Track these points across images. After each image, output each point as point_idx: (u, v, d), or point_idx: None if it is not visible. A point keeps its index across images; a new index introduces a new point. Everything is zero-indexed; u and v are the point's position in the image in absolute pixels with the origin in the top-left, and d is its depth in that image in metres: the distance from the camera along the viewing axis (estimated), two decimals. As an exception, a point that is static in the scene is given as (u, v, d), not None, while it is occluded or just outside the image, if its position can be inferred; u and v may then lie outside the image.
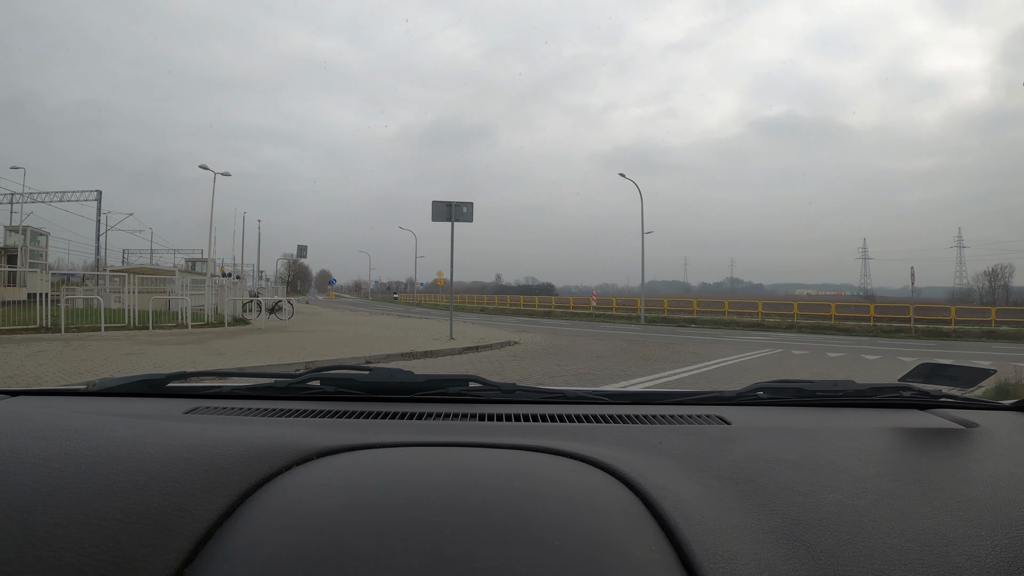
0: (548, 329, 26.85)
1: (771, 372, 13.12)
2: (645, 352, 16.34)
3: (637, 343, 19.88)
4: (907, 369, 2.01)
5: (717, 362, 14.82)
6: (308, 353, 12.75)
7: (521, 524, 0.88)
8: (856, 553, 0.86)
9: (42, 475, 0.87)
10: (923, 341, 27.05)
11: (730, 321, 36.99)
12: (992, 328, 32.54)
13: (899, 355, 18.26)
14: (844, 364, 15.75)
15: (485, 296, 67.16)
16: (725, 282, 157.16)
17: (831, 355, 17.76)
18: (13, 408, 1.63)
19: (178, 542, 0.81)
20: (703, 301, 47.87)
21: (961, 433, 1.53)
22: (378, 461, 1.18)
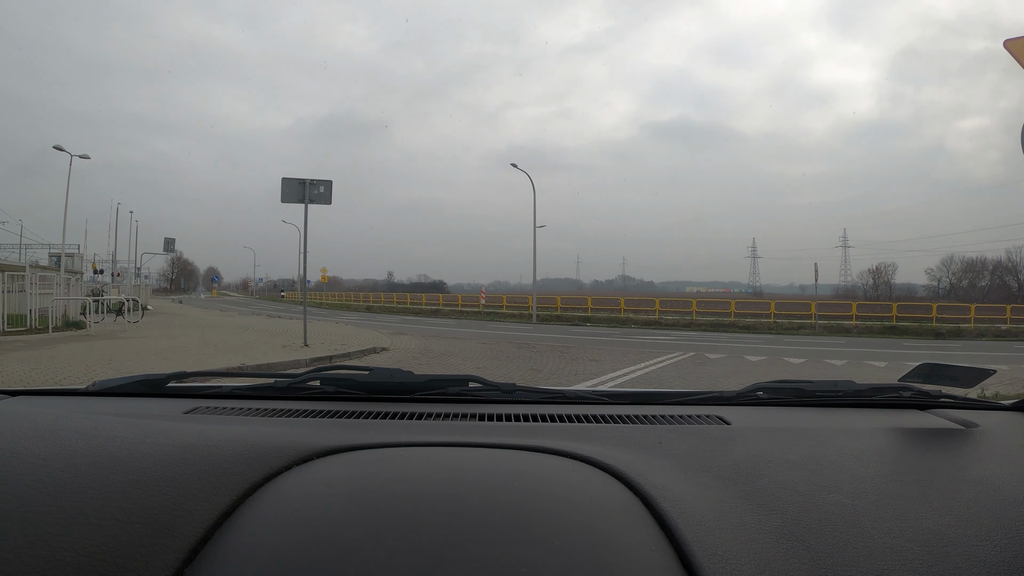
0: (430, 331, 26.09)
1: (693, 384, 11.82)
2: (536, 361, 14.87)
3: (527, 347, 18.42)
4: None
5: (623, 372, 13.28)
6: (107, 369, 10.95)
7: (521, 524, 0.91)
8: (856, 553, 0.88)
9: (42, 475, 0.90)
10: (829, 338, 27.39)
11: (626, 319, 36.35)
12: (894, 324, 33.68)
13: (824, 357, 18.28)
14: (773, 372, 14.78)
15: (372, 295, 66.98)
16: (617, 280, 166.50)
17: (751, 359, 17.05)
18: (13, 408, 1.62)
19: (178, 542, 0.82)
20: (597, 299, 47.45)
21: (961, 433, 1.53)
22: (378, 461, 1.20)
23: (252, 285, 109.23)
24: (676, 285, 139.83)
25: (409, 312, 45.61)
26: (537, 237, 33.36)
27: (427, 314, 42.57)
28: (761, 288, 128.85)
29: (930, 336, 29.43)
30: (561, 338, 22.49)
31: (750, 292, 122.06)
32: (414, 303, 53.80)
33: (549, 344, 19.15)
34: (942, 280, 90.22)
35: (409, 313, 44.12)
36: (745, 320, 34.95)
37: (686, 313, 37.84)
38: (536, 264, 35.07)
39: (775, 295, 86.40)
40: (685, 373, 13.13)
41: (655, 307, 39.29)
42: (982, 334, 30.03)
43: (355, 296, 65.71)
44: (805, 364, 15.49)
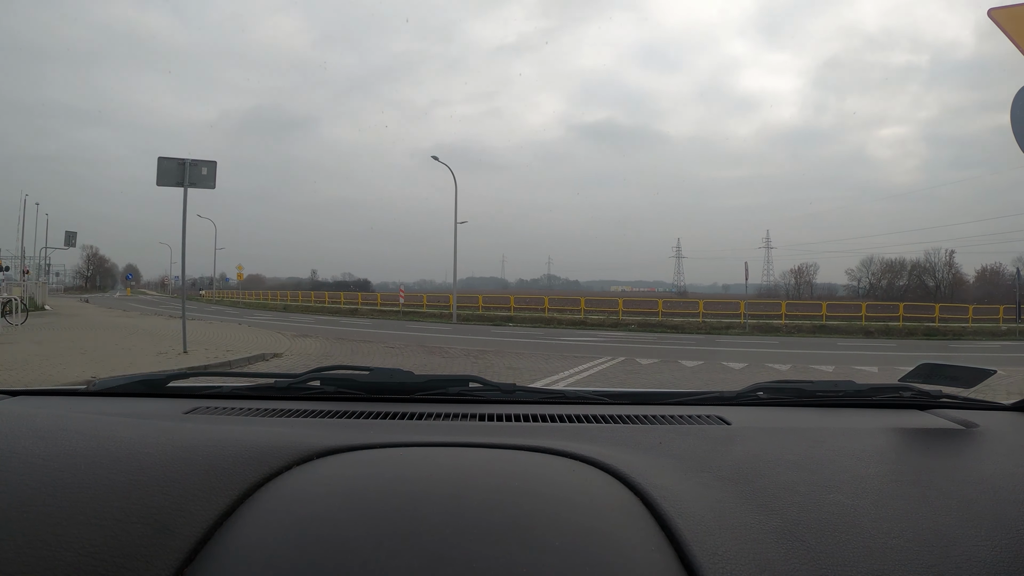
0: (340, 332, 25.07)
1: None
2: (448, 369, 13.53)
3: (439, 352, 17.42)
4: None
5: (545, 383, 11.42)
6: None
7: (521, 524, 0.92)
8: (856, 553, 0.90)
9: (42, 475, 0.91)
10: (761, 338, 27.10)
11: (551, 319, 35.16)
12: (823, 323, 33.98)
13: (766, 360, 17.11)
14: (716, 379, 13.56)
15: (290, 294, 66.70)
16: (542, 279, 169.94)
17: (687, 364, 15.88)
18: (13, 408, 1.64)
19: (178, 542, 0.84)
20: (521, 297, 46.79)
21: (961, 433, 1.56)
22: (378, 461, 1.21)
23: (170, 283, 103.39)
24: (601, 284, 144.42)
25: (327, 312, 44.69)
26: (462, 235, 32.15)
27: (345, 314, 41.86)
28: (685, 288, 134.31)
29: (860, 335, 29.72)
30: (479, 340, 21.68)
31: (675, 291, 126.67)
32: (333, 302, 52.90)
33: (464, 348, 18.32)
34: (862, 280, 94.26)
35: (327, 313, 43.35)
36: (673, 320, 34.52)
37: (612, 312, 37.00)
38: (459, 262, 34.00)
39: (699, 294, 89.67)
40: (618, 384, 11.83)
41: (580, 306, 38.58)
42: (912, 333, 30.89)
43: (274, 295, 65.48)
44: (746, 369, 14.74)
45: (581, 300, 39.30)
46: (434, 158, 35.28)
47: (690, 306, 39.53)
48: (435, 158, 35.19)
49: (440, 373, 2.43)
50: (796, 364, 15.71)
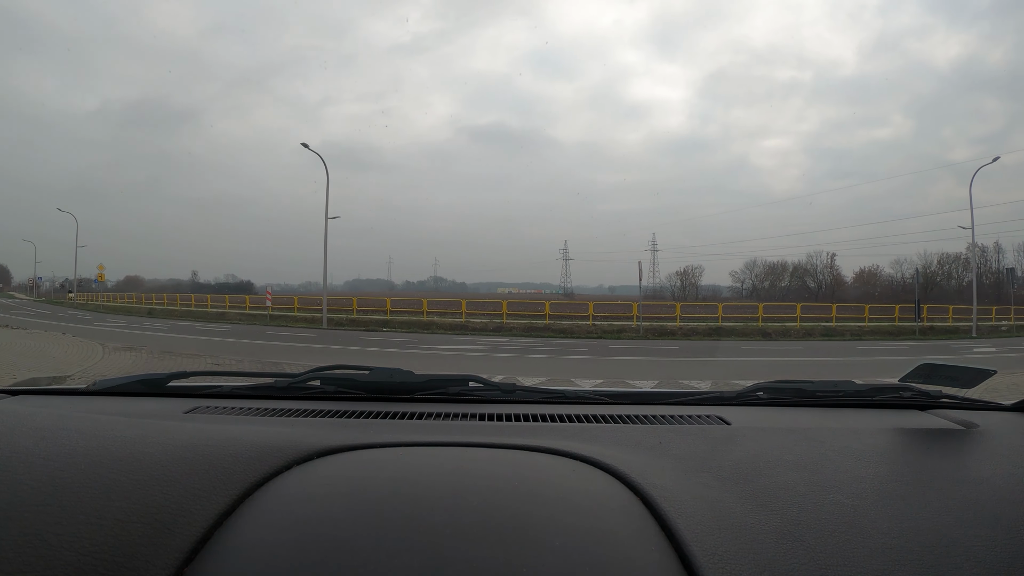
0: (182, 342, 22.40)
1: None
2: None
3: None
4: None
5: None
6: None
7: (521, 524, 0.94)
8: (856, 553, 0.92)
9: (43, 474, 0.93)
10: (657, 343, 25.65)
11: (430, 323, 33.14)
12: (719, 324, 32.98)
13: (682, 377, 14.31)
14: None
15: (166, 296, 60.39)
16: (429, 280, 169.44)
17: (582, 383, 12.07)
18: (13, 407, 1.65)
19: (178, 541, 0.85)
20: (399, 300, 44.47)
21: (961, 434, 1.58)
22: (378, 461, 1.24)
23: (36, 285, 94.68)
24: (489, 286, 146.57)
25: (192, 316, 41.80)
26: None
27: (212, 318, 39.28)
28: (573, 289, 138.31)
29: (758, 337, 29.39)
30: (340, 349, 20.20)
31: (562, 293, 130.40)
32: (200, 306, 50.33)
33: (311, 362, 15.16)
34: (745, 282, 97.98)
35: (192, 317, 40.44)
36: (561, 323, 33.00)
37: (496, 315, 35.31)
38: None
39: (587, 296, 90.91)
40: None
41: (462, 309, 36.65)
42: (809, 333, 31.04)
43: (149, 298, 61.08)
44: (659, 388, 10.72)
45: (462, 303, 37.53)
46: (304, 146, 32.61)
47: (579, 308, 38.15)
48: (305, 145, 32.61)
49: (441, 372, 2.10)
50: (719, 380, 13.24)
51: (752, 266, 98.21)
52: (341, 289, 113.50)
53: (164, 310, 48.33)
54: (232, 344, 21.60)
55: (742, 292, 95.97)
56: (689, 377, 14.05)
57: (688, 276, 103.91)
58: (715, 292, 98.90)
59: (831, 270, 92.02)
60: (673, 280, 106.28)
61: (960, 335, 31.52)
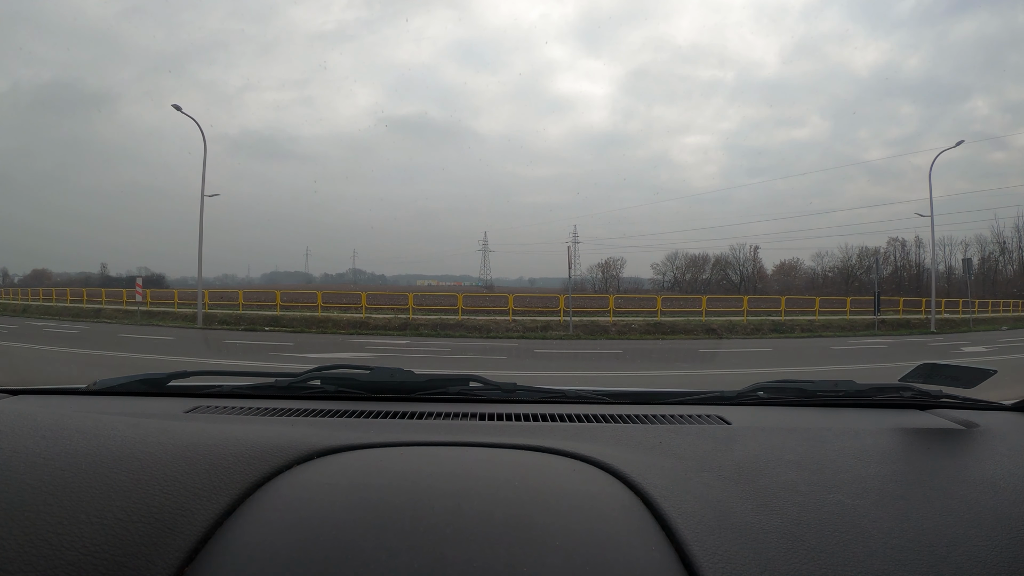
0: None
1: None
2: None
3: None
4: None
5: None
6: None
7: (522, 524, 0.97)
8: (857, 553, 0.94)
9: (44, 474, 0.94)
10: (589, 343, 22.56)
11: (326, 319, 29.04)
12: (658, 320, 29.67)
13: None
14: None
15: (42, 292, 54.63)
16: (348, 273, 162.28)
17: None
18: (14, 407, 1.69)
19: (179, 541, 0.88)
20: (292, 292, 39.51)
21: (961, 433, 1.62)
22: (379, 461, 1.26)
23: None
24: (408, 279, 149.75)
25: (69, 313, 38.14)
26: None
27: (87, 315, 35.79)
28: (492, 281, 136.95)
29: (704, 335, 26.70)
30: (181, 363, 16.20)
31: (482, 285, 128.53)
32: (75, 300, 45.53)
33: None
34: (667, 274, 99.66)
35: (70, 315, 36.86)
36: (476, 319, 29.50)
37: (403, 310, 31.46)
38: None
39: (507, 288, 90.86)
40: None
41: (362, 303, 32.34)
42: (758, 329, 28.52)
43: (22, 294, 56.26)
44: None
45: (362, 296, 33.49)
46: (176, 108, 29.19)
47: (498, 301, 35.04)
48: (177, 108, 29.22)
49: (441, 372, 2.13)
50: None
51: (674, 258, 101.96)
52: (259, 282, 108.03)
53: (39, 306, 45.00)
54: (59, 353, 18.05)
55: (663, 284, 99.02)
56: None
57: (610, 268, 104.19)
58: (636, 284, 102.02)
59: (755, 263, 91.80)
60: (595, 272, 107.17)
61: (918, 330, 30.45)
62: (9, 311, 44.23)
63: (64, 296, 47.29)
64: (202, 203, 30.38)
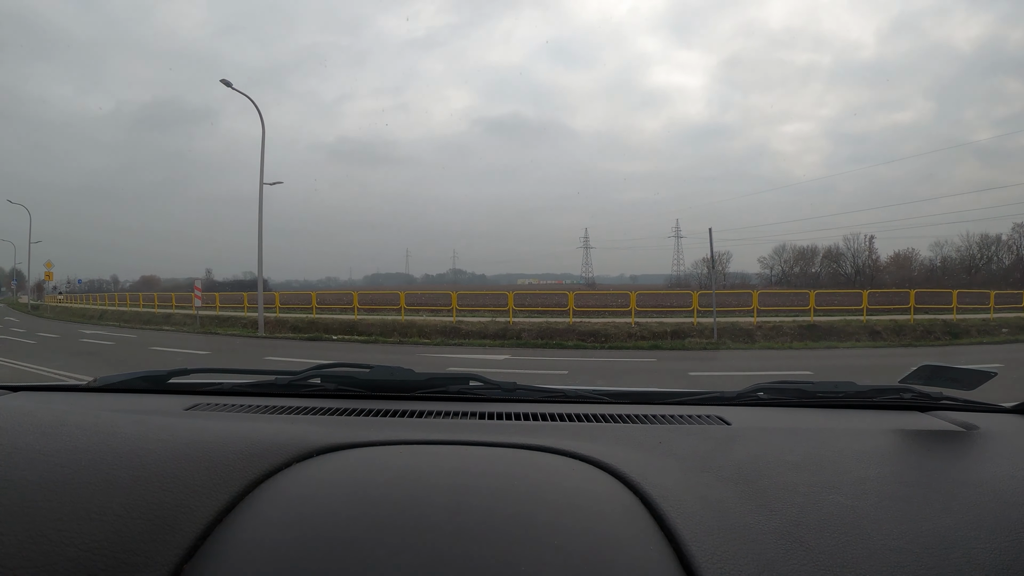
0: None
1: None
2: None
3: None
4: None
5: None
6: None
7: (521, 523, 0.97)
8: (857, 555, 0.94)
9: (44, 470, 0.95)
10: (747, 355, 18.92)
11: (408, 325, 23.85)
12: (811, 322, 23.36)
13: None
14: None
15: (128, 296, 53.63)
16: (448, 273, 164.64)
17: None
18: (14, 403, 1.78)
19: (179, 538, 0.88)
20: (372, 295, 35.59)
21: (962, 435, 1.58)
22: (379, 459, 1.26)
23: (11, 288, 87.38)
24: (508, 278, 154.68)
25: (138, 320, 37.84)
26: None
27: (158, 321, 35.61)
28: (594, 279, 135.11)
29: (867, 340, 21.16)
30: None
31: (583, 283, 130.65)
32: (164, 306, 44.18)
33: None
34: (774, 268, 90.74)
35: (137, 321, 37.06)
36: (590, 323, 23.98)
37: (502, 311, 26.09)
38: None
39: (609, 285, 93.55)
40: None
41: (452, 304, 27.47)
42: (929, 331, 22.21)
43: (122, 299, 54.12)
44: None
45: (452, 296, 30.17)
46: (225, 83, 26.49)
47: (611, 300, 30.18)
48: (227, 83, 26.54)
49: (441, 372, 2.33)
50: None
51: (781, 251, 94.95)
52: (361, 284, 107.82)
53: (114, 312, 45.55)
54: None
55: (771, 279, 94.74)
56: None
57: (715, 263, 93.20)
58: (743, 279, 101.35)
59: (870, 253, 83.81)
60: (700, 267, 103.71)
61: None
62: (87, 316, 46.14)
63: (149, 301, 46.71)
64: (261, 191, 28.78)
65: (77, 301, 68.03)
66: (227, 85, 27.77)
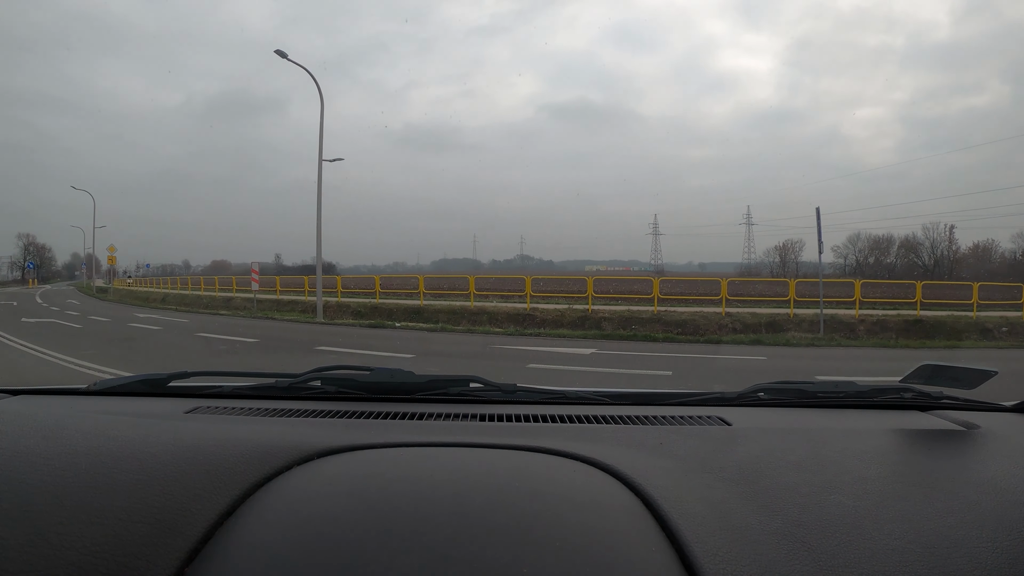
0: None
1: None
2: None
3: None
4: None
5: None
6: None
7: (523, 525, 0.98)
8: (858, 555, 0.95)
9: (45, 474, 0.98)
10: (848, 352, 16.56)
11: (478, 312, 21.97)
12: (918, 316, 20.43)
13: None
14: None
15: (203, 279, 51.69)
16: (516, 259, 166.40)
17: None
18: (15, 407, 1.78)
19: (180, 541, 0.90)
20: (439, 279, 33.06)
21: (962, 435, 1.60)
22: (380, 461, 1.27)
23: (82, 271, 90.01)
24: (576, 264, 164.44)
25: (200, 304, 36.19)
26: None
27: (217, 306, 33.97)
28: (663, 266, 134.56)
29: (978, 338, 18.62)
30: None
31: (652, 270, 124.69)
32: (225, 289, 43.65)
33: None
34: (848, 257, 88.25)
35: (199, 305, 35.39)
36: (677, 312, 21.09)
37: (579, 299, 23.45)
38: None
39: (677, 273, 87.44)
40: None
41: (526, 291, 24.33)
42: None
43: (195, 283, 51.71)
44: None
45: (527, 281, 26.67)
46: (280, 54, 25.32)
47: (689, 288, 27.52)
48: (282, 54, 25.37)
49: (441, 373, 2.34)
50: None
51: (855, 240, 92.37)
52: (428, 269, 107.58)
53: (177, 295, 45.28)
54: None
55: (845, 269, 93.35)
56: None
57: (788, 251, 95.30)
58: (816, 269, 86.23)
59: (951, 244, 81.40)
60: (771, 256, 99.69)
61: None
62: (148, 300, 45.96)
63: (211, 284, 46.83)
64: (320, 168, 28.05)
65: (145, 285, 69.15)
66: (282, 56, 27.06)
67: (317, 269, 28.64)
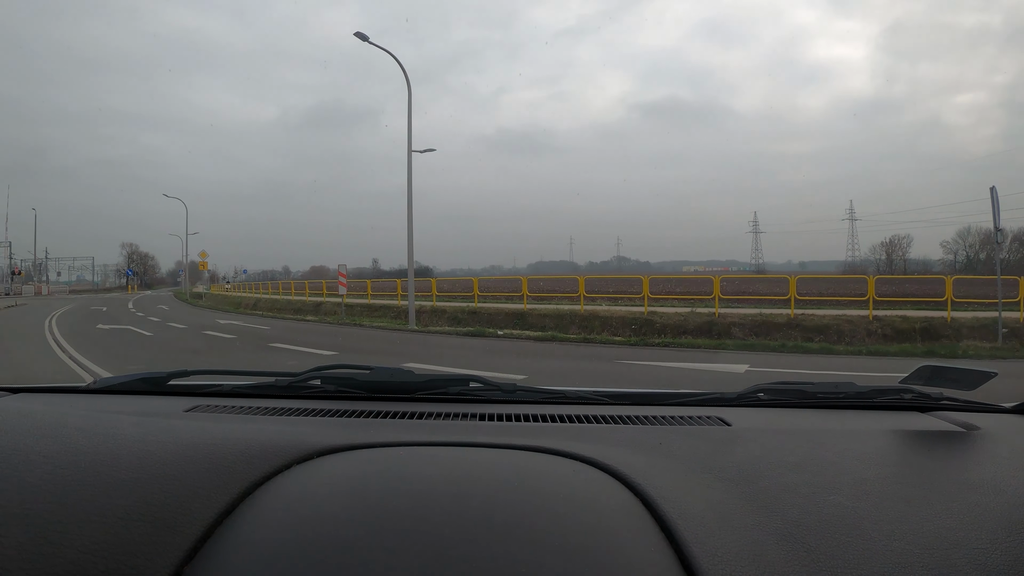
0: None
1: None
2: None
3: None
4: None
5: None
6: None
7: (522, 524, 0.98)
8: (857, 556, 0.95)
9: (44, 472, 0.98)
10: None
11: (590, 317, 20.12)
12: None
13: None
14: None
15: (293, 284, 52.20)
16: (612, 260, 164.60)
17: None
18: (14, 405, 1.78)
19: (179, 539, 0.90)
20: (541, 281, 29.61)
21: (962, 436, 1.60)
22: (379, 460, 1.28)
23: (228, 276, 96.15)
24: (673, 265, 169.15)
25: (290, 309, 36.75)
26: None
27: (307, 311, 34.10)
28: (764, 265, 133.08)
29: None
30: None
31: (752, 269, 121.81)
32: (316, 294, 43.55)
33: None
34: (959, 253, 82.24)
35: (289, 310, 36.09)
36: (817, 316, 18.76)
37: (703, 300, 21.55)
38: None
39: (776, 272, 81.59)
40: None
41: (644, 292, 21.75)
42: None
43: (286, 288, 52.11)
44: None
45: (644, 281, 23.44)
46: (360, 36, 24.10)
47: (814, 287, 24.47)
48: (362, 37, 24.16)
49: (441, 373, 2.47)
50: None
51: (965, 235, 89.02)
52: (524, 272, 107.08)
53: (267, 301, 46.37)
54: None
55: (955, 265, 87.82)
56: None
57: (894, 247, 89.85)
58: (925, 266, 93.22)
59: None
60: (877, 252, 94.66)
61: None
62: (239, 305, 47.70)
63: (301, 289, 47.18)
64: (409, 158, 26.77)
65: (241, 290, 71.83)
66: (362, 39, 25.84)
67: (409, 269, 26.83)
